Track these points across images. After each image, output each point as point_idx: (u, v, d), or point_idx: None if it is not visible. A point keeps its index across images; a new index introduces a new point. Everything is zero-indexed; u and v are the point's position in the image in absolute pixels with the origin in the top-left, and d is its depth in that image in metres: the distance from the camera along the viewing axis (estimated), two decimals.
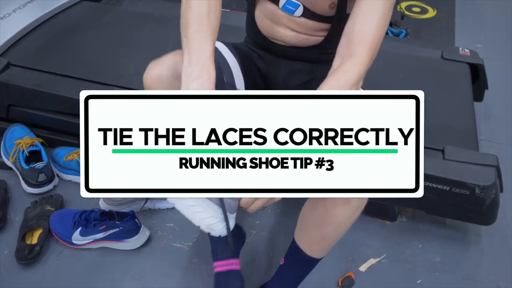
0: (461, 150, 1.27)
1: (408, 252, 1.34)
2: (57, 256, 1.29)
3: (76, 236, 1.29)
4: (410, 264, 1.31)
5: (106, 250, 1.30)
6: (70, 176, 1.49)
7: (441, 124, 1.35)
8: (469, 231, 1.39)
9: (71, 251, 1.30)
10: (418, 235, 1.39)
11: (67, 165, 1.47)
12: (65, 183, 1.50)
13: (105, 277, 1.24)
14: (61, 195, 1.43)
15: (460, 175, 1.21)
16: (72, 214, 1.32)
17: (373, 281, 1.27)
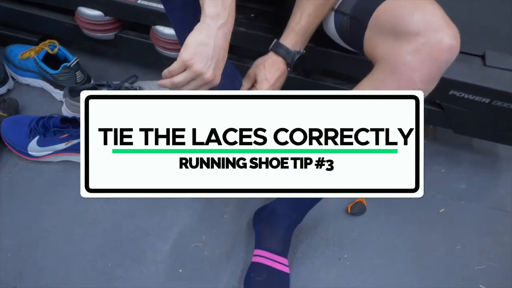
0: (505, 56, 1.04)
1: (429, 177, 1.14)
2: (10, 169, 1.07)
3: (33, 146, 1.06)
4: (431, 190, 1.11)
5: (69, 164, 1.08)
6: (28, 79, 1.24)
7: (481, 26, 1.11)
8: (499, 156, 1.20)
9: (27, 164, 1.08)
10: (440, 158, 1.19)
11: (23, 64, 1.21)
12: (21, 87, 1.25)
13: (67, 194, 1.03)
14: (15, 100, 1.18)
15: (504, 84, 0.99)
16: (28, 120, 1.08)
17: (388, 209, 1.08)
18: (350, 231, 1.04)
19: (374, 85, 0.69)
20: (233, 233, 1.01)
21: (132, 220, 1.00)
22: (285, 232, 0.91)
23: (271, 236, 0.91)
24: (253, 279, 0.87)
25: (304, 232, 1.02)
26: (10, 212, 0.99)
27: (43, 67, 1.17)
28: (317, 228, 1.03)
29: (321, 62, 1.08)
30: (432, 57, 0.63)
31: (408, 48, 0.64)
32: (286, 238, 0.92)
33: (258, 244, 0.92)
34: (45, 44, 1.19)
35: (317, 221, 1.04)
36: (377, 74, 0.69)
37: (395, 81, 0.66)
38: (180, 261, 0.95)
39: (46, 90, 1.24)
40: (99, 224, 0.99)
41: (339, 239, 1.02)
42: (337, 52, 1.01)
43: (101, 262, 0.93)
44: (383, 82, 0.67)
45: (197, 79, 0.68)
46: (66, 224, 0.98)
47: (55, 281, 0.90)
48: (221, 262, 0.96)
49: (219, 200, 1.05)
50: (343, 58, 1.02)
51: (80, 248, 0.95)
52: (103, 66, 1.31)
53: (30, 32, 1.30)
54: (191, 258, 0.96)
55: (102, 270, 0.92)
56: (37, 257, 0.93)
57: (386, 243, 1.02)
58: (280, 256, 0.90)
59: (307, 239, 1.01)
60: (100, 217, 1.00)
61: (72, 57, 1.18)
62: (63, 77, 1.18)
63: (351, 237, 1.03)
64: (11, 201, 1.00)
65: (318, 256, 0.99)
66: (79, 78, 1.19)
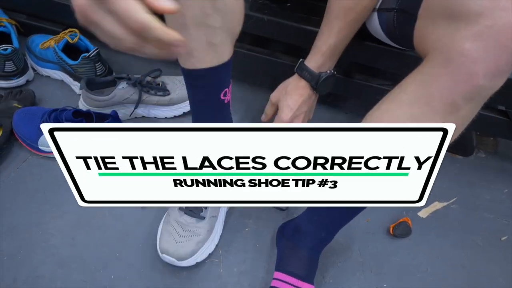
0: None
1: (488, 197, 0.97)
2: (18, 164, 0.99)
3: (43, 140, 0.98)
4: (490, 213, 0.94)
5: None
6: (48, 70, 1.17)
7: None
8: None
9: (37, 160, 1.00)
10: (502, 176, 1.01)
11: (43, 54, 1.14)
12: (41, 79, 1.18)
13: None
14: (32, 91, 1.11)
15: None
16: (41, 113, 1.00)
17: (438, 232, 0.92)
18: (392, 255, 0.88)
19: (423, 80, 0.54)
20: (254, 249, 0.88)
21: (142, 229, 0.89)
22: (311, 253, 0.77)
23: (295, 258, 0.77)
24: None
25: (337, 253, 0.87)
26: (12, 211, 0.90)
27: (62, 57, 1.10)
28: (352, 250, 0.88)
29: (364, 59, 0.93)
30: (500, 43, 0.47)
31: (468, 33, 0.48)
32: (312, 260, 0.77)
33: (279, 266, 0.78)
34: (65, 33, 1.12)
35: (353, 241, 0.90)
36: (427, 68, 0.54)
37: (450, 75, 0.50)
38: (191, 278, 0.83)
39: (66, 82, 1.17)
40: (106, 231, 0.89)
41: (378, 265, 0.87)
42: (383, 47, 0.87)
43: (103, 273, 0.83)
44: (434, 77, 0.52)
45: None
46: (70, 228, 0.89)
47: None
48: (238, 283, 0.83)
49: (240, 211, 0.93)
50: (389, 53, 0.88)
51: (82, 256, 0.85)
52: (125, 59, 1.22)
53: (54, 22, 1.24)
54: (204, 276, 0.83)
55: (103, 283, 0.81)
56: (35, 263, 0.83)
57: (435, 273, 0.86)
58: (304, 282, 0.75)
59: (339, 261, 0.87)
60: (108, 223, 0.90)
61: (93, 47, 1.10)
62: (82, 69, 1.10)
63: (393, 262, 0.87)
64: (14, 199, 0.92)
65: (352, 283, 0.84)
66: (99, 70, 1.11)
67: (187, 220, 0.82)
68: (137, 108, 1.06)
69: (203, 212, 0.83)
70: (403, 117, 0.58)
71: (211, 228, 0.84)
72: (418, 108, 0.55)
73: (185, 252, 0.80)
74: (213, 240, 0.85)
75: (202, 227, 0.82)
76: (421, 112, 0.55)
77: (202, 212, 0.83)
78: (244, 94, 1.16)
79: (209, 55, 0.64)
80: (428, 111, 0.54)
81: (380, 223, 0.92)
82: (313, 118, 0.93)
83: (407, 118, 0.57)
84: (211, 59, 0.65)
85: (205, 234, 0.83)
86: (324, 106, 1.17)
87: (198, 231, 0.82)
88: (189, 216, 0.82)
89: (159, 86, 1.07)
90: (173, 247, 0.80)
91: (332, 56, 0.79)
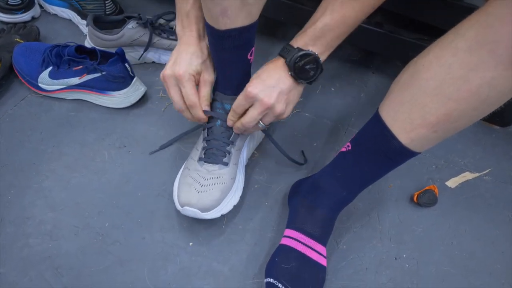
0: None
1: None
2: (16, 102, 0.92)
3: (43, 78, 0.91)
4: None
5: (83, 104, 0.92)
6: (55, 7, 1.09)
7: None
8: None
9: (36, 99, 0.93)
10: None
11: None
12: (48, 17, 1.11)
13: (74, 137, 0.86)
14: (37, 27, 1.04)
15: None
16: (43, 48, 0.93)
17: (467, 203, 0.83)
18: (414, 225, 0.80)
19: (488, 23, 0.45)
20: (263, 207, 0.80)
21: (143, 176, 0.82)
22: (328, 213, 0.69)
23: (310, 216, 0.68)
24: (278, 265, 0.66)
25: (353, 217, 0.79)
26: (5, 149, 0.84)
27: None
28: (370, 216, 0.80)
29: (399, 7, 0.83)
30: None
31: None
32: (328, 220, 0.69)
33: (291, 223, 0.70)
34: None
35: (372, 206, 0.81)
36: (494, 8, 0.45)
37: None
38: (192, 232, 0.76)
39: (74, 22, 1.09)
40: (104, 175, 0.82)
41: (398, 234, 0.78)
42: None
43: (97, 220, 0.76)
44: (503, 18, 0.43)
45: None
46: (67, 170, 0.82)
47: (39, 234, 0.73)
48: (242, 240, 0.75)
49: (251, 166, 0.85)
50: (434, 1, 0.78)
51: (76, 200, 0.78)
52: (140, 2, 1.14)
53: None
54: (206, 231, 0.76)
55: (96, 230, 0.75)
56: (25, 204, 0.77)
57: (460, 247, 0.77)
58: (317, 243, 0.67)
59: (355, 227, 0.78)
60: (107, 167, 0.83)
61: None
62: (91, 5, 1.02)
63: (415, 233, 0.79)
64: (9, 137, 0.86)
65: (368, 251, 0.76)
66: (109, 9, 1.03)
67: (208, 168, 0.75)
68: (147, 51, 0.98)
69: (226, 158, 0.75)
70: (456, 66, 0.49)
71: (234, 176, 0.77)
72: (478, 56, 0.47)
73: (210, 201, 0.72)
74: (236, 190, 0.77)
75: (226, 173, 0.75)
76: (481, 60, 0.47)
77: (225, 158, 0.75)
78: (264, 47, 1.07)
79: (242, 14, 0.61)
80: (490, 59, 0.46)
81: (403, 190, 0.84)
82: (339, 78, 0.83)
83: (463, 66, 0.48)
84: (243, 18, 0.62)
85: (229, 181, 0.75)
86: (350, 65, 1.07)
87: (222, 178, 0.74)
88: (211, 164, 0.75)
89: (172, 29, 0.99)
90: (195, 197, 0.71)
91: (318, 39, 0.64)
